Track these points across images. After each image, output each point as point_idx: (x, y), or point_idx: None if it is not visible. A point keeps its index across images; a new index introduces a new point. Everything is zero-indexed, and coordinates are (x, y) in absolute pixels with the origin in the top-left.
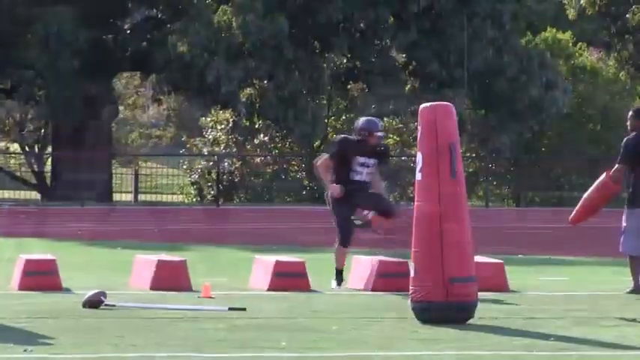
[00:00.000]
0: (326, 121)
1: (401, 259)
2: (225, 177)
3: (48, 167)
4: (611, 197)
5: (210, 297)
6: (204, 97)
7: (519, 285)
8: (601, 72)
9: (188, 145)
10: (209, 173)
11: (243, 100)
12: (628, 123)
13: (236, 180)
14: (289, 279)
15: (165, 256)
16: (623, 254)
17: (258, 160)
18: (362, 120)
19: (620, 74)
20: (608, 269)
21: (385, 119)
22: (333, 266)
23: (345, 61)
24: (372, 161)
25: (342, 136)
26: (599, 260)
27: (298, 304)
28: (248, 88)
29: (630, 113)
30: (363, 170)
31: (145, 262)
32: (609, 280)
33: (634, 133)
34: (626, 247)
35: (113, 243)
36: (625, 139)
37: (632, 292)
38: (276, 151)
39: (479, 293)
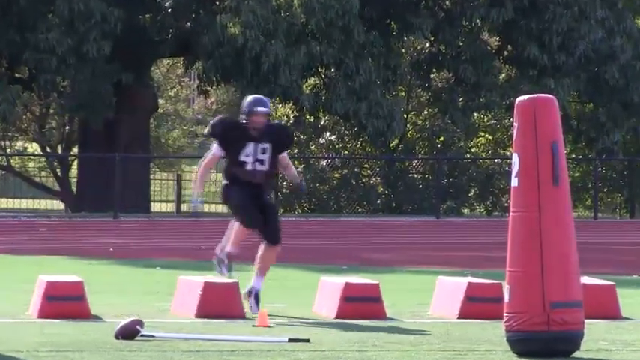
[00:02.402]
0: (405, 116)
1: (493, 281)
2: (284, 183)
3: (73, 171)
4: None
5: (267, 326)
6: (260, 88)
7: (634, 311)
8: None
9: None
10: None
11: (306, 91)
12: None
13: None
14: (361, 304)
15: (214, 278)
16: None
17: (323, 163)
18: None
19: None
20: None
21: (475, 114)
22: (412, 290)
23: (427, 45)
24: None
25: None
26: None
27: (371, 333)
28: (312, 78)
29: None
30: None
31: (190, 284)
32: None
33: None
34: None
35: (151, 262)
36: None
37: None
38: (346, 153)
39: (586, 321)
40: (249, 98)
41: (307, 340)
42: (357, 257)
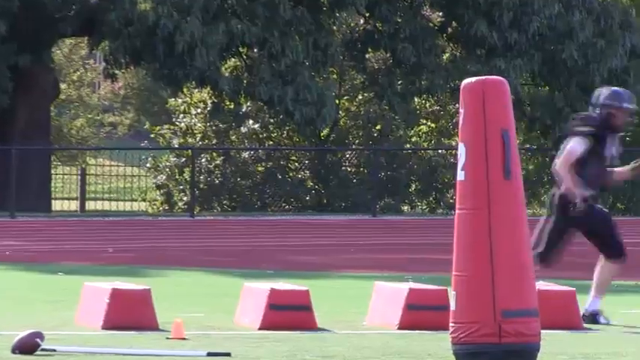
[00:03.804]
0: (337, 102)
1: (436, 287)
2: (202, 178)
3: None
4: None
5: (183, 338)
6: (174, 71)
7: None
8: None
9: (152, 136)
10: (181, 173)
11: (226, 74)
12: None
13: (217, 182)
14: (288, 313)
15: (123, 284)
16: None
17: (245, 155)
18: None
19: None
20: None
21: (416, 99)
22: (346, 297)
23: (361, 22)
24: None
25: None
26: None
27: (300, 346)
28: (232, 59)
29: None
30: None
31: (96, 291)
32: None
33: None
34: None
35: (53, 267)
36: None
37: None
38: (270, 143)
39: (542, 332)
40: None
41: (228, 355)
42: (284, 260)
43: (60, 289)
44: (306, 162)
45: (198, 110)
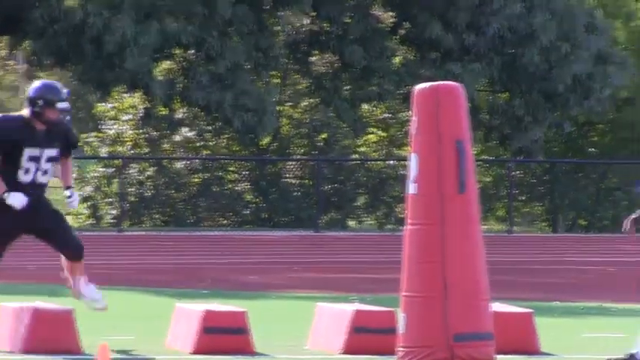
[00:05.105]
0: (279, 108)
1: (384, 309)
2: (131, 190)
3: None
4: None
5: None
6: (103, 74)
7: (554, 345)
8: None
9: (79, 144)
10: (109, 184)
11: (160, 78)
12: None
13: (148, 194)
14: (224, 336)
15: (44, 304)
16: None
17: (179, 165)
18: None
19: None
20: None
21: (365, 106)
22: (287, 319)
23: (307, 22)
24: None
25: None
26: None
27: None
28: (166, 61)
29: None
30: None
31: (13, 313)
32: None
33: None
34: None
35: None
36: None
37: None
38: (207, 153)
39: (497, 357)
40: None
41: None
42: (221, 279)
43: None
44: (245, 173)
45: (129, 116)
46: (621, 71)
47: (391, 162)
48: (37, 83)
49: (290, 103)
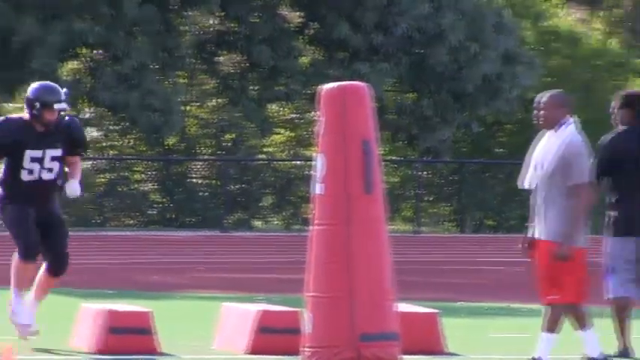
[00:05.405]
0: (184, 108)
1: (290, 309)
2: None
3: None
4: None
5: None
6: (8, 73)
7: (460, 345)
8: (583, 38)
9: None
10: None
11: (65, 77)
12: (613, 113)
13: None
14: (128, 336)
15: None
16: (608, 301)
17: (86, 165)
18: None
19: (609, 42)
20: None
21: (272, 106)
22: (192, 319)
23: (215, 22)
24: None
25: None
26: None
27: None
28: (72, 61)
29: (618, 100)
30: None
31: None
32: None
33: (622, 129)
34: (613, 291)
35: None
36: (603, 138)
37: (621, 355)
38: (113, 153)
39: (403, 357)
40: None
41: None
42: (126, 279)
43: None
44: (152, 173)
45: None
46: (529, 71)
47: (298, 162)
48: (34, 85)
49: (197, 103)
